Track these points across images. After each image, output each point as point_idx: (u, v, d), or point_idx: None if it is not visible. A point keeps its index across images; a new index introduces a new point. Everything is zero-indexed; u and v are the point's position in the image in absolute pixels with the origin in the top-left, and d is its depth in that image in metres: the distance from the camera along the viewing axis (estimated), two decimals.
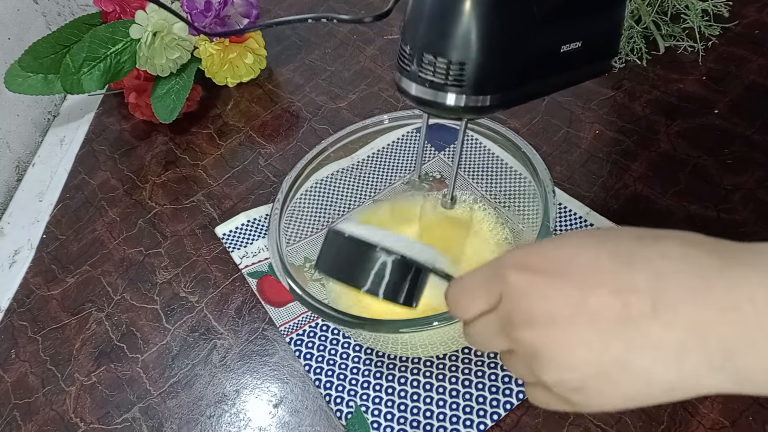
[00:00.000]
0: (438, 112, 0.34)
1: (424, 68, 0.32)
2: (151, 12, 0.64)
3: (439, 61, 0.31)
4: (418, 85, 0.33)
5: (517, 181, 0.44)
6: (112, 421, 0.46)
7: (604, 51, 0.37)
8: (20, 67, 0.66)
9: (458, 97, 0.32)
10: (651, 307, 0.21)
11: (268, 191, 0.59)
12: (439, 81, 0.32)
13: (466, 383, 0.42)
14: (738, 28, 0.60)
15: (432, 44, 0.31)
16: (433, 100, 0.32)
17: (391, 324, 0.35)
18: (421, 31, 0.32)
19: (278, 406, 0.44)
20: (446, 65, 0.31)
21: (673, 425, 0.38)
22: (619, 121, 0.56)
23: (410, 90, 0.33)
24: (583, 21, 0.34)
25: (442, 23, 0.31)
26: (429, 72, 0.32)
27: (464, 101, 0.32)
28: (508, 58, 0.31)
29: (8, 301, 0.56)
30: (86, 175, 0.66)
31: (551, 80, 0.35)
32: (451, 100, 0.32)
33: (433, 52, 0.31)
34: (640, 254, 0.23)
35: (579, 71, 0.36)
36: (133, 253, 0.57)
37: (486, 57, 0.31)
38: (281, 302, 0.49)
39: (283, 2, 0.81)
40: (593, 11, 0.35)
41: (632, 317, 0.22)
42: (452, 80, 0.31)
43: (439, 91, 0.32)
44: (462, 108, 0.32)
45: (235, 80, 0.70)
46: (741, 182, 0.49)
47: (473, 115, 0.33)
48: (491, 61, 0.31)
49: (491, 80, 0.32)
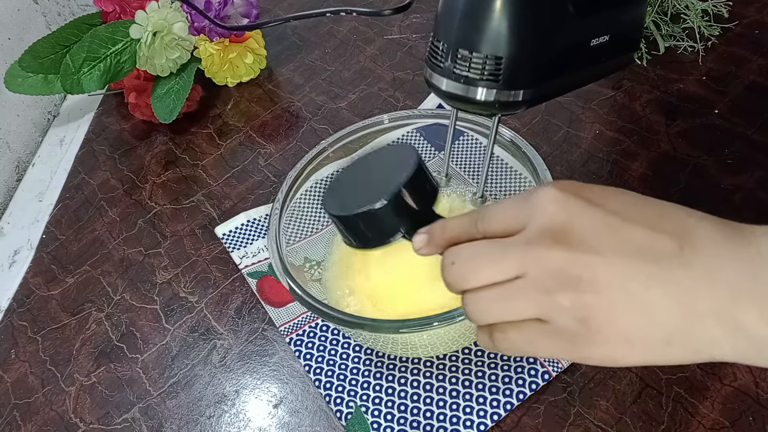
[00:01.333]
0: (471, 108, 0.34)
1: (459, 64, 0.31)
2: (151, 12, 0.64)
3: (475, 57, 0.31)
4: (451, 81, 0.32)
5: (517, 181, 0.44)
6: (111, 422, 0.46)
7: (629, 44, 0.37)
8: (20, 67, 0.66)
9: (493, 92, 0.32)
10: (678, 247, 0.23)
11: (268, 191, 0.59)
12: (474, 76, 0.31)
13: (467, 383, 0.42)
14: (738, 28, 0.60)
15: (467, 39, 0.31)
16: (467, 96, 0.32)
17: (391, 324, 0.35)
18: (455, 27, 0.31)
19: (278, 407, 0.44)
20: (482, 60, 0.31)
21: (673, 425, 0.38)
22: (619, 121, 0.56)
23: (442, 86, 0.33)
24: (612, 14, 0.34)
25: (477, 18, 0.30)
26: (464, 68, 0.31)
27: (499, 96, 0.32)
28: (543, 51, 0.32)
29: (8, 301, 0.56)
30: (86, 175, 0.66)
31: (580, 74, 0.35)
32: (486, 95, 0.32)
33: (469, 47, 0.31)
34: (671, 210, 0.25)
35: (605, 65, 0.36)
36: (132, 253, 0.57)
37: (522, 51, 0.31)
38: (281, 302, 0.49)
39: (283, 2, 0.81)
40: (621, 4, 0.35)
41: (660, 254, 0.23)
42: (488, 75, 0.31)
43: (473, 86, 0.32)
44: (497, 103, 0.32)
45: (235, 80, 0.70)
46: (741, 182, 0.49)
47: (506, 110, 0.33)
48: (527, 55, 0.31)
49: (526, 74, 0.32)
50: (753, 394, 0.38)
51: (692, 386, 0.39)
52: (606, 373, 0.41)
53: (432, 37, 0.33)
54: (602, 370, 0.41)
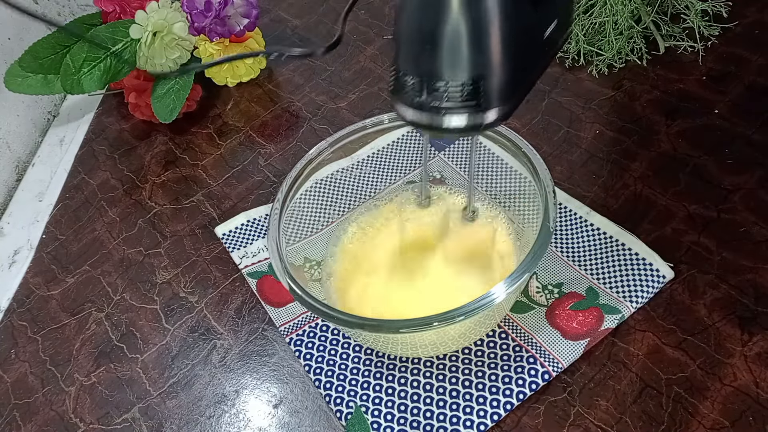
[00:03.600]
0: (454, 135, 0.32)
1: (435, 96, 0.30)
2: (151, 12, 0.64)
3: (452, 86, 0.29)
4: (427, 113, 0.31)
5: (517, 181, 0.44)
6: (111, 422, 0.46)
7: (568, 21, 0.36)
8: (20, 67, 0.66)
9: (473, 116, 0.30)
10: None
11: (268, 191, 0.59)
12: (452, 105, 0.30)
13: (467, 383, 0.42)
14: (738, 28, 0.60)
15: (441, 70, 0.29)
16: (447, 126, 0.31)
17: (391, 324, 0.35)
18: (425, 59, 0.29)
19: (278, 407, 0.44)
20: (460, 88, 0.29)
21: (673, 425, 0.38)
22: (619, 121, 0.56)
23: (420, 120, 0.31)
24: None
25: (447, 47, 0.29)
26: (441, 99, 0.30)
27: (479, 119, 0.30)
28: (516, 61, 0.30)
29: (8, 301, 0.56)
30: (86, 175, 0.66)
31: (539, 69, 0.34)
32: (467, 121, 0.30)
33: (444, 78, 0.29)
34: None
35: (553, 51, 0.35)
36: (132, 253, 0.57)
37: (498, 69, 0.29)
38: (281, 302, 0.49)
39: (282, 2, 0.81)
40: None
41: None
42: (466, 101, 0.30)
43: (451, 115, 0.30)
44: (479, 126, 0.31)
45: (235, 80, 0.70)
46: (741, 182, 0.49)
47: (486, 130, 0.32)
48: (504, 71, 0.30)
49: (503, 90, 0.30)
50: (753, 394, 0.38)
51: (692, 386, 0.39)
52: (606, 373, 0.41)
53: (396, 71, 0.31)
54: (602, 370, 0.41)
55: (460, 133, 0.32)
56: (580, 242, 0.47)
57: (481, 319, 0.39)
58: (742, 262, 0.44)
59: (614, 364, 0.41)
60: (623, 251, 0.45)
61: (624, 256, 0.45)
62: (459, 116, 0.30)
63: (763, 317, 0.41)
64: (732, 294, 0.43)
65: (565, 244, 0.48)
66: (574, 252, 0.47)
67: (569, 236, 0.48)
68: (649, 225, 0.48)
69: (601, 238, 0.47)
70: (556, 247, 0.48)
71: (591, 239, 0.47)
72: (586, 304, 0.44)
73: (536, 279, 0.46)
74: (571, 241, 0.48)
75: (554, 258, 0.47)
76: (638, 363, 0.41)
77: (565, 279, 0.46)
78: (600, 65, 0.60)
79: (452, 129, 0.31)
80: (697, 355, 0.41)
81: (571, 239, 0.48)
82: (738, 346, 0.40)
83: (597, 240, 0.47)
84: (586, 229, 0.48)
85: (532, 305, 0.45)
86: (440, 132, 0.32)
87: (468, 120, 0.31)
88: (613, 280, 0.44)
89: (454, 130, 0.31)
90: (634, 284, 0.44)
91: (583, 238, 0.47)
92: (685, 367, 0.40)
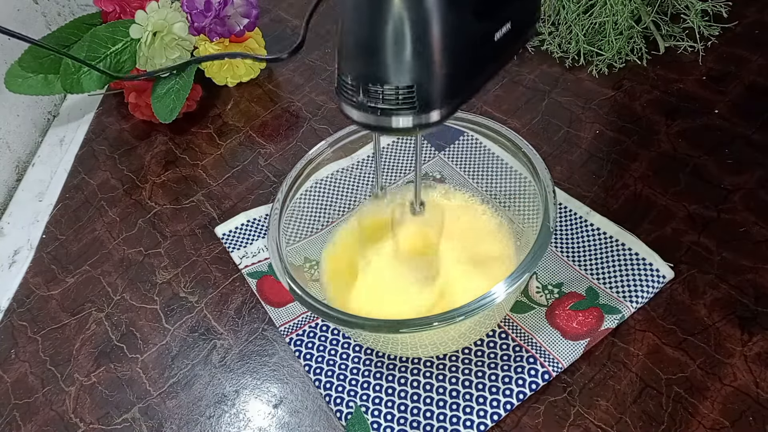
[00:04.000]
0: (390, 134, 0.33)
1: (371, 98, 0.30)
2: (151, 12, 0.64)
3: (386, 89, 0.30)
4: (365, 113, 0.31)
5: (517, 181, 0.44)
6: (111, 422, 0.46)
7: (530, 20, 0.36)
8: (20, 67, 0.66)
9: (410, 118, 0.31)
10: None
11: (268, 191, 0.59)
12: (388, 107, 0.30)
13: (467, 383, 0.42)
14: (738, 28, 0.60)
15: (375, 73, 0.30)
16: (384, 125, 0.31)
17: (391, 324, 0.35)
18: (361, 61, 0.30)
19: (278, 407, 0.44)
20: (394, 92, 0.30)
21: (673, 425, 0.38)
22: (619, 121, 0.56)
23: (357, 118, 0.32)
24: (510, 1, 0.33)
25: (382, 51, 0.29)
26: (377, 100, 0.30)
27: (416, 120, 0.31)
28: (453, 68, 0.30)
29: (8, 301, 0.56)
30: (86, 175, 0.66)
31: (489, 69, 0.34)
32: (403, 123, 0.31)
33: (379, 81, 0.30)
34: None
35: (511, 50, 0.35)
36: (132, 253, 0.57)
37: (433, 75, 0.30)
38: (281, 302, 0.49)
39: (282, 2, 0.81)
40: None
41: None
42: (402, 104, 0.30)
43: (389, 116, 0.31)
44: (416, 127, 0.31)
45: (235, 80, 0.70)
46: (741, 182, 0.49)
47: (425, 130, 0.32)
48: (439, 77, 0.30)
49: (440, 94, 0.30)
50: (753, 394, 0.38)
51: (692, 386, 0.39)
52: (606, 373, 0.41)
53: (338, 71, 0.32)
54: (602, 370, 0.41)
55: (402, 133, 0.32)
56: (580, 242, 0.47)
57: (481, 319, 0.39)
58: (742, 262, 0.44)
59: (614, 364, 0.41)
60: (623, 251, 0.45)
61: (624, 256, 0.45)
62: (396, 117, 0.31)
63: (763, 317, 0.41)
64: (732, 294, 0.43)
65: (565, 244, 0.48)
66: (574, 252, 0.47)
67: (569, 236, 0.48)
68: (649, 225, 0.48)
69: (601, 238, 0.47)
70: (556, 247, 0.48)
71: (591, 239, 0.47)
72: (586, 304, 0.44)
73: (536, 279, 0.46)
74: (571, 241, 0.48)
75: (554, 258, 0.47)
76: (638, 363, 0.41)
77: (565, 279, 0.46)
78: (600, 65, 0.60)
79: (392, 129, 0.31)
80: (697, 355, 0.41)
81: (571, 239, 0.48)
82: (738, 346, 0.40)
83: (597, 240, 0.47)
84: (586, 229, 0.48)
85: (532, 305, 0.45)
86: (382, 131, 0.32)
87: (407, 121, 0.31)
88: (613, 280, 0.44)
89: (394, 130, 0.31)
90: (634, 284, 0.44)
91: (583, 238, 0.47)
92: (685, 367, 0.40)
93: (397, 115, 0.31)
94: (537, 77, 0.62)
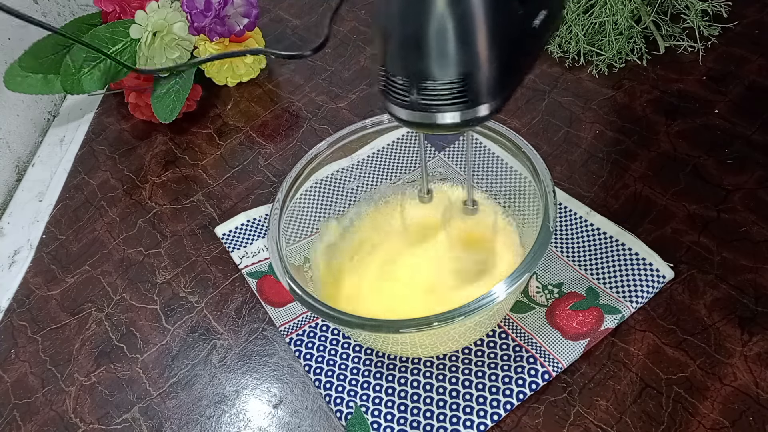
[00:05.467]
0: (441, 131, 0.33)
1: (424, 95, 0.30)
2: (151, 12, 0.64)
3: (440, 85, 0.30)
4: (420, 112, 0.31)
5: (517, 181, 0.44)
6: (111, 422, 0.46)
7: (560, 6, 0.36)
8: (20, 67, 0.66)
9: (463, 113, 0.31)
10: None
11: (268, 191, 0.59)
12: (442, 103, 0.30)
13: (467, 383, 0.42)
14: (738, 28, 0.60)
15: (429, 70, 0.30)
16: (438, 122, 0.31)
17: (391, 324, 0.35)
18: (413, 59, 0.30)
19: (278, 407, 0.44)
20: (448, 86, 0.30)
21: (673, 425, 0.38)
22: (619, 121, 0.56)
23: (409, 118, 0.32)
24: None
25: (434, 46, 0.29)
26: (430, 98, 0.30)
27: (469, 114, 0.31)
28: (504, 58, 0.31)
29: (8, 301, 0.56)
30: (86, 175, 0.66)
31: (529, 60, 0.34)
32: (457, 118, 0.31)
33: (433, 77, 0.30)
34: None
35: (543, 40, 0.35)
36: (132, 253, 0.57)
37: (486, 66, 0.30)
38: (281, 302, 0.49)
39: (282, 2, 0.81)
40: None
41: None
42: (456, 99, 0.30)
43: (442, 113, 0.31)
44: (470, 121, 0.31)
45: (235, 80, 0.70)
46: (741, 182, 0.49)
47: (476, 125, 0.32)
48: (491, 68, 0.30)
49: (492, 86, 0.31)
50: (753, 394, 0.38)
51: (692, 386, 0.39)
52: (606, 373, 0.41)
53: (384, 71, 0.31)
54: (602, 370, 0.41)
55: (453, 129, 0.32)
56: (580, 242, 0.47)
57: (481, 319, 0.39)
58: (742, 262, 0.44)
59: (614, 364, 0.41)
60: (623, 251, 0.45)
61: (624, 256, 0.45)
62: (450, 113, 0.31)
63: (763, 317, 0.41)
64: (732, 294, 0.43)
65: (565, 244, 0.48)
66: (574, 252, 0.47)
67: (569, 236, 0.48)
68: (649, 225, 0.48)
69: (601, 238, 0.47)
70: (556, 247, 0.48)
71: (591, 239, 0.47)
72: (586, 304, 0.44)
73: (536, 279, 0.46)
74: (571, 241, 0.48)
75: (554, 258, 0.47)
76: (638, 363, 0.41)
77: (565, 279, 0.46)
78: (600, 65, 0.60)
79: (444, 126, 0.32)
80: (697, 355, 0.41)
81: (571, 239, 0.48)
82: (738, 346, 0.40)
83: (597, 240, 0.47)
84: (586, 229, 0.48)
85: (532, 305, 0.45)
86: (433, 129, 0.32)
87: (459, 116, 0.31)
88: (613, 280, 0.44)
89: (446, 126, 0.32)
90: (634, 284, 0.44)
91: (583, 238, 0.47)
92: (685, 367, 0.40)
93: (449, 111, 0.31)
94: (537, 77, 0.62)
